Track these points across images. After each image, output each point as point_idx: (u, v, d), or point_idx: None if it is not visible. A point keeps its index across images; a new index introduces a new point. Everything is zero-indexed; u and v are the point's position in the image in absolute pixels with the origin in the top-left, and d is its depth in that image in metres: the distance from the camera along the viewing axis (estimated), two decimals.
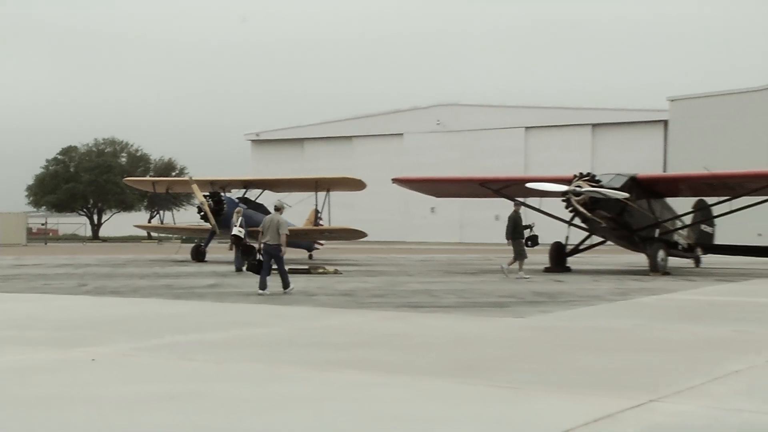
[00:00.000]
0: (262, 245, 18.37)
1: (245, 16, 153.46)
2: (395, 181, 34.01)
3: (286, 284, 18.03)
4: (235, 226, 27.40)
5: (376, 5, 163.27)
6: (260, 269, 18.20)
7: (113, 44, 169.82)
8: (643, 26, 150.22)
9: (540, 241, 26.10)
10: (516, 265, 24.16)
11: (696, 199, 31.89)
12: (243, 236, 27.09)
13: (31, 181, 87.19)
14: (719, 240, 33.67)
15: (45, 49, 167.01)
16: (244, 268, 26.06)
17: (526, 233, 25.42)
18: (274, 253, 18.07)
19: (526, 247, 24.82)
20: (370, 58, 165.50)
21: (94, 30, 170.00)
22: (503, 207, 50.98)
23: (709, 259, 33.75)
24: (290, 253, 31.07)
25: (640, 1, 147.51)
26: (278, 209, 18.78)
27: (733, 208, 28.60)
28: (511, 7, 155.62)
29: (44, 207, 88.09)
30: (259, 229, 18.80)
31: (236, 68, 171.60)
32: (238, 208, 28.90)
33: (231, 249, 28.15)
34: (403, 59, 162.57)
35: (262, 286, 17.72)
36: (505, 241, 24.96)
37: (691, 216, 31.62)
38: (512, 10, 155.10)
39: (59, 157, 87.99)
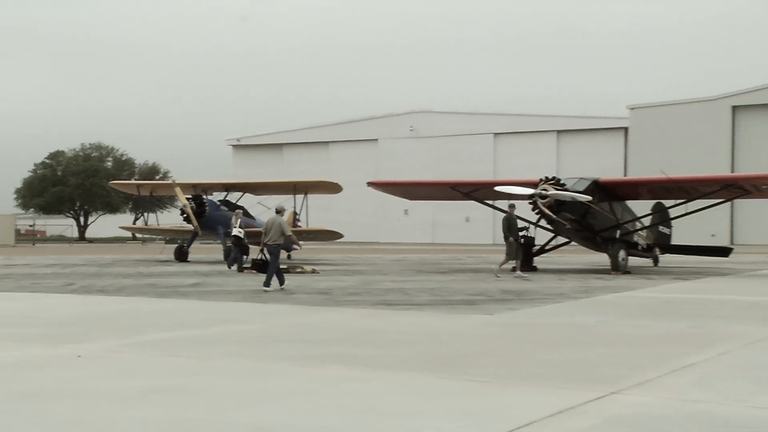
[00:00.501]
0: (264, 245, 18.76)
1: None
2: (370, 184, 33.99)
3: (267, 283, 18.16)
4: (235, 227, 27.42)
5: (351, 17, 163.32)
6: (265, 268, 18.48)
7: (99, 52, 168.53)
8: (605, 38, 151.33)
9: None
10: (509, 264, 24.40)
11: (654, 201, 32.18)
12: (242, 236, 27.11)
13: (19, 184, 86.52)
14: (676, 240, 33.96)
15: (32, 56, 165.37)
16: (240, 267, 26.28)
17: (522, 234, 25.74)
18: (274, 252, 18.52)
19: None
20: (347, 66, 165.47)
21: (81, 38, 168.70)
22: (473, 209, 51.28)
23: (666, 259, 34.02)
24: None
25: (601, 15, 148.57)
26: (279, 211, 19.46)
27: (689, 211, 28.89)
28: (480, 20, 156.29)
29: (32, 209, 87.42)
30: (262, 230, 19.16)
31: (218, 76, 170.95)
32: (237, 210, 28.92)
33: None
34: (379, 68, 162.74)
35: (281, 281, 18.34)
36: (503, 242, 25.33)
37: (649, 218, 31.89)
38: (481, 24, 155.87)
39: (47, 161, 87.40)
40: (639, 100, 72.13)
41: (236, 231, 27.15)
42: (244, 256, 27.45)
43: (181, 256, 34.14)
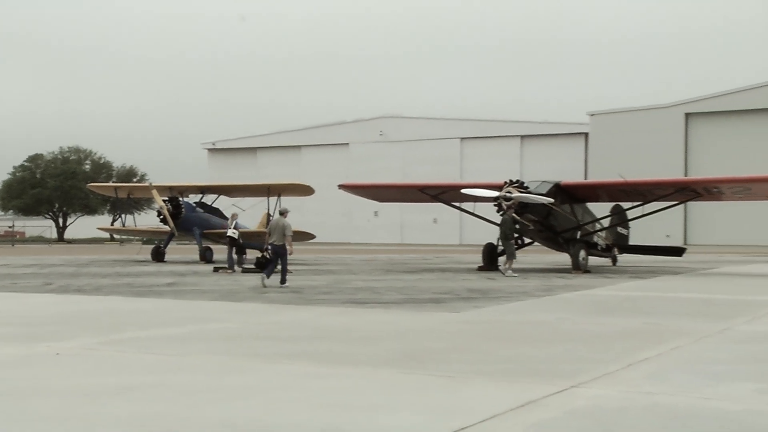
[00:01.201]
0: (269, 245, 19.40)
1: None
2: (341, 187, 33.96)
3: (283, 279, 18.82)
4: (230, 228, 27.39)
5: (323, 27, 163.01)
6: (267, 264, 19.37)
7: (78, 58, 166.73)
8: (567, 47, 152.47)
9: (477, 242, 26.47)
10: (508, 265, 24.52)
11: (613, 203, 32.47)
12: (237, 237, 27.09)
13: None
14: (633, 241, 34.31)
15: (11, 60, 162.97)
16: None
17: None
18: (280, 251, 18.94)
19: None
20: (319, 73, 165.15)
21: (61, 44, 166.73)
22: (441, 211, 51.33)
23: (624, 258, 34.35)
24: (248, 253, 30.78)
25: (563, 26, 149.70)
26: (283, 213, 19.83)
27: (645, 212, 29.19)
28: (447, 30, 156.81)
29: (11, 211, 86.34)
30: (267, 230, 19.80)
31: (194, 81, 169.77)
32: (234, 213, 28.87)
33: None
34: (350, 75, 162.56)
35: (267, 274, 18.91)
36: (498, 243, 25.57)
37: (608, 219, 32.17)
38: (448, 34, 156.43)
39: (26, 164, 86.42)
40: (598, 106, 72.77)
41: (231, 232, 27.17)
42: (243, 256, 27.62)
43: (158, 256, 33.90)
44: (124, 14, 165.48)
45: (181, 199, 34.58)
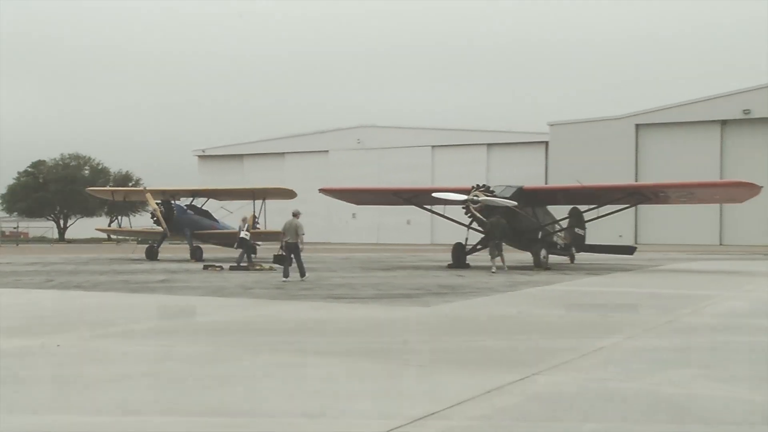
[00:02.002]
0: (284, 243, 19.82)
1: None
2: (322, 191, 33.89)
3: (302, 273, 19.44)
4: (242, 230, 27.38)
5: (306, 41, 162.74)
6: (284, 262, 19.69)
7: (78, 66, 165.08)
8: (529, 61, 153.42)
9: (447, 242, 26.55)
10: (499, 261, 24.67)
11: (571, 206, 32.66)
12: (248, 238, 27.08)
13: (4, 190, 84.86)
14: (589, 240, 34.52)
15: (12, 68, 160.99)
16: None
17: None
18: (293, 249, 19.51)
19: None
20: (302, 83, 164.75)
21: (61, 53, 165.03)
22: (414, 213, 51.34)
23: (581, 257, 34.53)
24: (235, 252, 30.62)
25: (525, 42, 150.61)
26: (295, 215, 20.14)
27: (600, 214, 29.39)
28: (421, 45, 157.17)
29: (16, 213, 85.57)
30: (281, 231, 20.33)
31: (186, 91, 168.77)
32: (244, 216, 28.70)
33: (236, 248, 28.64)
34: (330, 85, 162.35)
35: (285, 274, 19.41)
36: (492, 242, 25.71)
37: (566, 221, 32.36)
38: (422, 48, 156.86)
39: (29, 169, 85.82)
40: (557, 117, 73.34)
41: (243, 234, 27.24)
42: (253, 255, 27.59)
43: (152, 255, 33.65)
44: (124, 24, 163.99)
45: (173, 202, 34.35)
